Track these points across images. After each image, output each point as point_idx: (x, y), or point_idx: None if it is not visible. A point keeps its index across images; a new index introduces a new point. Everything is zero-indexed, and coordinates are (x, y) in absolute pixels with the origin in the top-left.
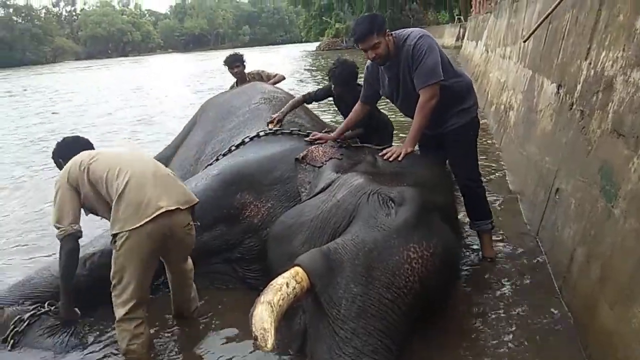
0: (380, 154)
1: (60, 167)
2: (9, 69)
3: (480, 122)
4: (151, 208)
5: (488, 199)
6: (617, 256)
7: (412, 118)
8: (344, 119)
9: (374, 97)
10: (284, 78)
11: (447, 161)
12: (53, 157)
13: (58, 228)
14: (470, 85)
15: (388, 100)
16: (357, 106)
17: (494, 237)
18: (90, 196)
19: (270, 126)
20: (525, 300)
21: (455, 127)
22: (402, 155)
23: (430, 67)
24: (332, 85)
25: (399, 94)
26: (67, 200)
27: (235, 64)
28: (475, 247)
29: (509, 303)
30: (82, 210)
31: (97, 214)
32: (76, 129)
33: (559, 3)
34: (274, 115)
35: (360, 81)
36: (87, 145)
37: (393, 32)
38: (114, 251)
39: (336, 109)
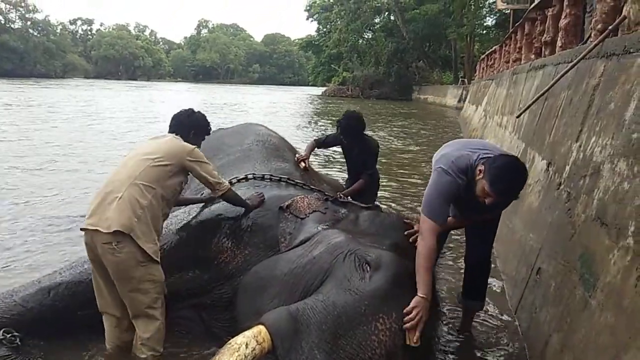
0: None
1: None
2: (19, 79)
3: None
4: (86, 218)
5: None
6: (590, 351)
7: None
8: (348, 169)
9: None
10: None
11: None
12: None
13: None
14: None
15: None
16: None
17: None
18: None
19: (302, 165)
20: None
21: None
22: None
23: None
24: (341, 136)
25: (474, 210)
26: None
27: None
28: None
29: None
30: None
31: None
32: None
33: (554, 83)
34: (300, 156)
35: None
36: (176, 126)
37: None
38: None
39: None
